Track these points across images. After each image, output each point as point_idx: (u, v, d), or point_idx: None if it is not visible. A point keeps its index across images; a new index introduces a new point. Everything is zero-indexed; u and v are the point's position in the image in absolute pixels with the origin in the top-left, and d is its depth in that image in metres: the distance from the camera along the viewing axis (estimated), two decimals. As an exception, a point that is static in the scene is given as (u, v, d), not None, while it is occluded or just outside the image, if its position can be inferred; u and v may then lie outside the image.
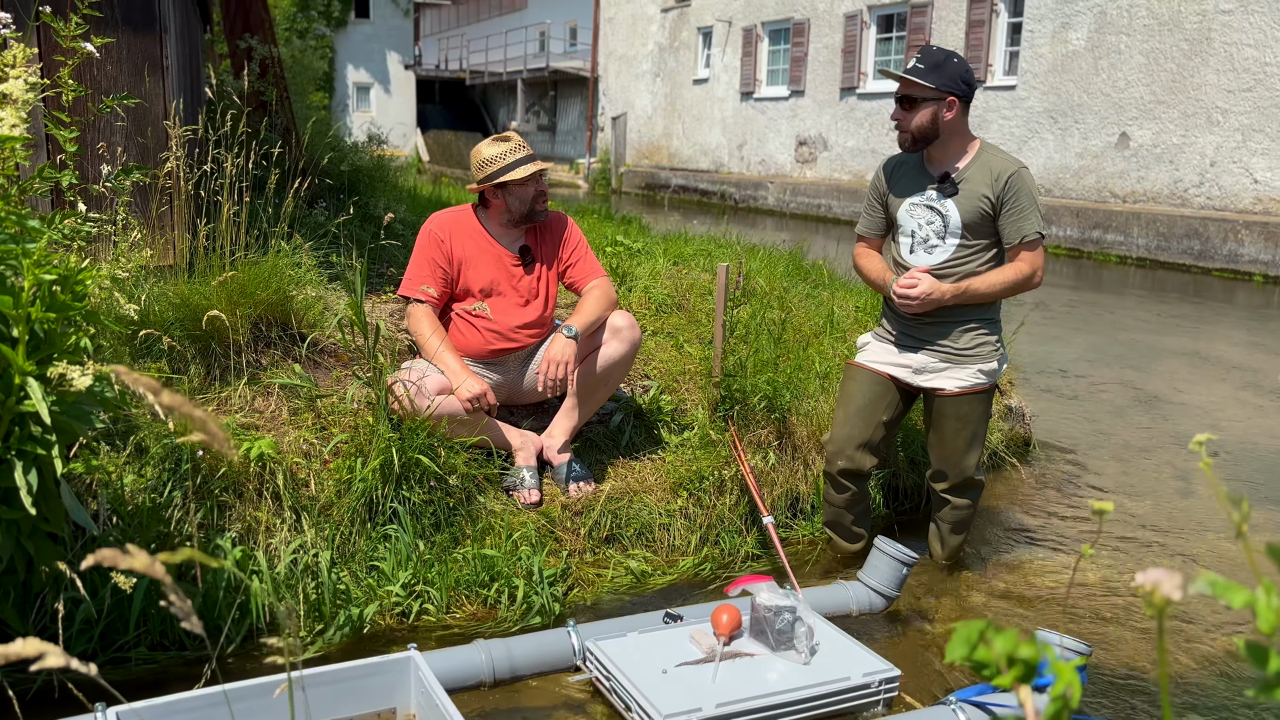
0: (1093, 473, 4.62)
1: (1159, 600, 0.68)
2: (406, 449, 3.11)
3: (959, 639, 0.76)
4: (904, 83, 3.17)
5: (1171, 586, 0.68)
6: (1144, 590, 0.69)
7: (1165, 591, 0.68)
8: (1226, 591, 0.64)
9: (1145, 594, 0.69)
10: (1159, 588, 0.68)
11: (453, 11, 42.72)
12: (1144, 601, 0.69)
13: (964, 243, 3.21)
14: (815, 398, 3.99)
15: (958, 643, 0.76)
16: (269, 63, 6.36)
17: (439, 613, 3.00)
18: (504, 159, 3.44)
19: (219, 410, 3.28)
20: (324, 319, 3.78)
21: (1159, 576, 0.69)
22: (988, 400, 3.34)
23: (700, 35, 22.64)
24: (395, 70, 33.14)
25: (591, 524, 3.41)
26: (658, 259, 5.78)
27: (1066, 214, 13.45)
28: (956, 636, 0.76)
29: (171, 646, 2.74)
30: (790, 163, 19.63)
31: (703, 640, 2.65)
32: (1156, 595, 0.68)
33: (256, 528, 2.99)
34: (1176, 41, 12.60)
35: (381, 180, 7.05)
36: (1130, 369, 6.66)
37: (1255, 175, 11.85)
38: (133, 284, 3.29)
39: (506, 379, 3.64)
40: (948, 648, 0.76)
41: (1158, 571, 0.69)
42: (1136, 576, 0.68)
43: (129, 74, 3.69)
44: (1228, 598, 0.64)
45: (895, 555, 3.06)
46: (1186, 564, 3.65)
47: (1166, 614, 0.69)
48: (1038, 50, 14.46)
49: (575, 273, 3.65)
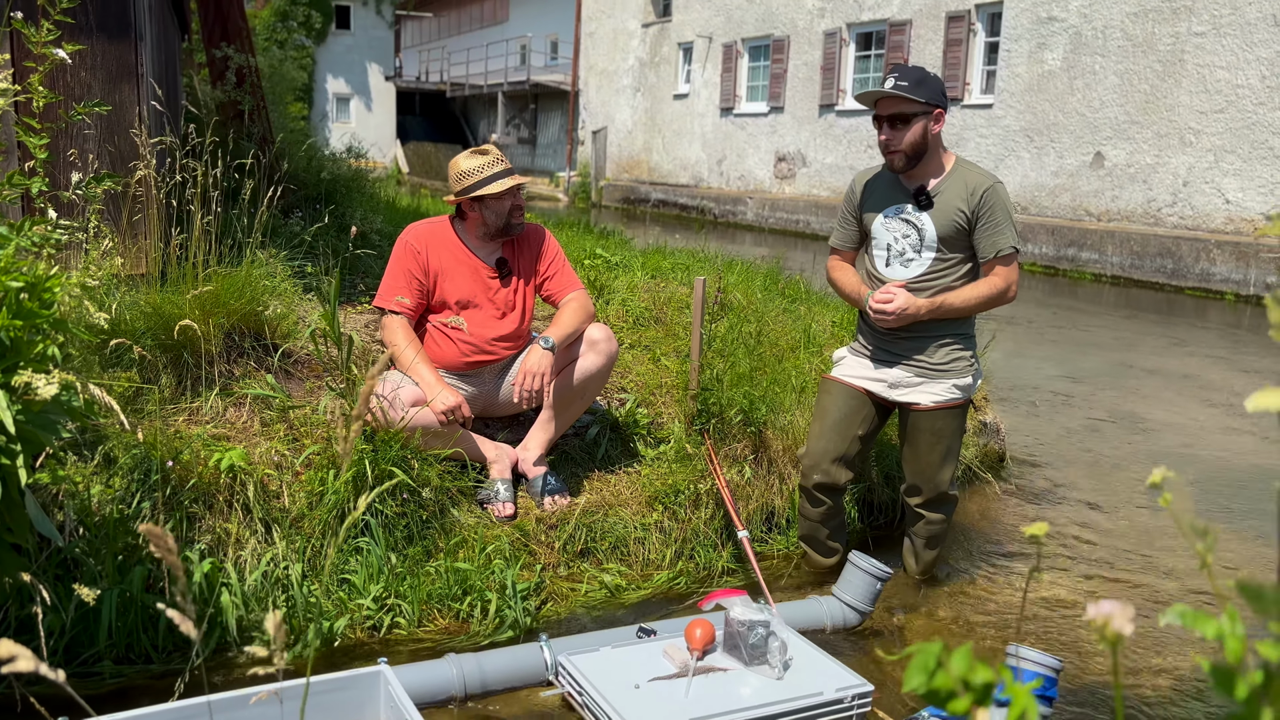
0: (1066, 488, 4.64)
1: (1110, 635, 0.67)
2: (379, 461, 3.09)
3: (915, 667, 0.72)
4: (895, 100, 3.14)
5: (1123, 620, 0.67)
6: (1096, 624, 0.67)
7: (1116, 626, 0.66)
8: (1196, 622, 0.64)
9: (1097, 628, 0.67)
10: (1110, 621, 0.67)
11: (434, 23, 42.73)
12: (1097, 635, 0.68)
13: (939, 256, 3.22)
14: (791, 411, 3.99)
15: (915, 671, 0.72)
16: (246, 72, 6.33)
17: (410, 626, 2.97)
18: (481, 172, 3.43)
19: (189, 421, 3.24)
20: (298, 329, 3.76)
21: (1111, 609, 0.67)
22: (962, 415, 3.35)
23: (681, 51, 22.73)
24: (376, 81, 33.11)
25: (566, 538, 3.39)
26: (636, 272, 5.78)
27: (1042, 232, 13.57)
28: (913, 664, 0.73)
29: (138, 659, 2.70)
30: (769, 178, 19.72)
31: (676, 655, 2.64)
32: (1108, 630, 0.67)
33: (226, 540, 2.95)
34: (1150, 63, 12.75)
35: (358, 191, 7.02)
36: (1104, 386, 6.71)
37: (1227, 195, 12.00)
38: (103, 292, 3.25)
39: (482, 391, 3.62)
40: (905, 676, 0.72)
41: (1109, 604, 0.67)
42: (1088, 609, 0.67)
43: (103, 81, 3.66)
44: (1199, 628, 0.63)
45: (869, 570, 3.06)
46: (1160, 579, 3.66)
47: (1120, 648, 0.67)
48: (1014, 70, 14.60)
49: (552, 285, 3.64)
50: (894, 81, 3.13)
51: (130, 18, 3.70)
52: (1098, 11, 13.37)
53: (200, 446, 3.07)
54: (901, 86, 3.11)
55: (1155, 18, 12.66)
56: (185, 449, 3.01)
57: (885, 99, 3.15)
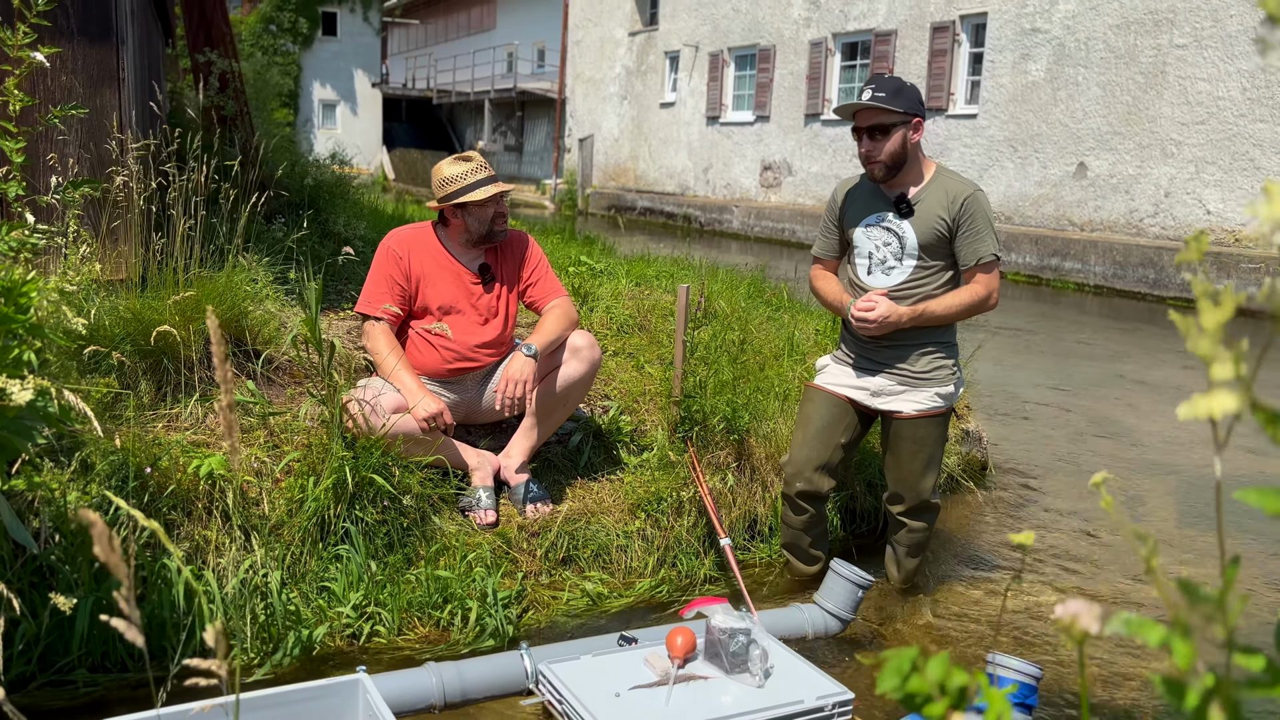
0: (1049, 497, 4.65)
1: (1078, 633, 0.67)
2: (360, 468, 3.07)
3: (890, 670, 0.73)
4: (874, 112, 3.15)
5: (1090, 619, 0.67)
6: (1063, 623, 0.68)
7: (1084, 625, 0.67)
8: (1142, 630, 0.64)
9: (1064, 627, 0.68)
10: (1077, 620, 0.67)
11: (420, 31, 42.72)
12: (1063, 635, 0.68)
13: (921, 264, 3.23)
14: (774, 419, 3.99)
15: (889, 674, 0.73)
16: (230, 77, 6.31)
17: (390, 634, 2.95)
18: (464, 179, 3.42)
19: (169, 427, 3.22)
20: (279, 335, 3.74)
21: (1077, 609, 0.68)
22: (944, 424, 3.35)
23: (667, 59, 22.78)
24: (362, 88, 33.06)
25: (548, 545, 3.38)
26: (620, 280, 5.78)
27: (1026, 241, 13.64)
28: (888, 667, 0.73)
29: (114, 668, 2.68)
30: (755, 187, 19.77)
31: (657, 663, 2.63)
32: (1075, 628, 0.67)
33: (205, 547, 2.93)
34: (1132, 75, 12.85)
35: (342, 197, 7.00)
36: (1086, 395, 6.74)
37: (1208, 206, 12.08)
38: (82, 297, 3.23)
39: (464, 398, 3.61)
40: (879, 678, 0.73)
41: (1076, 603, 0.68)
42: (1056, 609, 0.68)
43: (83, 85, 3.64)
44: (1144, 636, 0.63)
45: (851, 578, 3.06)
46: (1136, 588, 3.68)
47: (1086, 646, 0.68)
48: (998, 80, 14.69)
49: (536, 292, 3.64)
50: (871, 93, 3.14)
51: (112, 21, 3.68)
52: (1081, 23, 13.47)
53: (179, 453, 3.05)
54: (879, 98, 3.12)
55: (1137, 30, 12.76)
56: (164, 455, 2.99)
57: (864, 110, 3.16)
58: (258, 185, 4.00)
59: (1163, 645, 0.62)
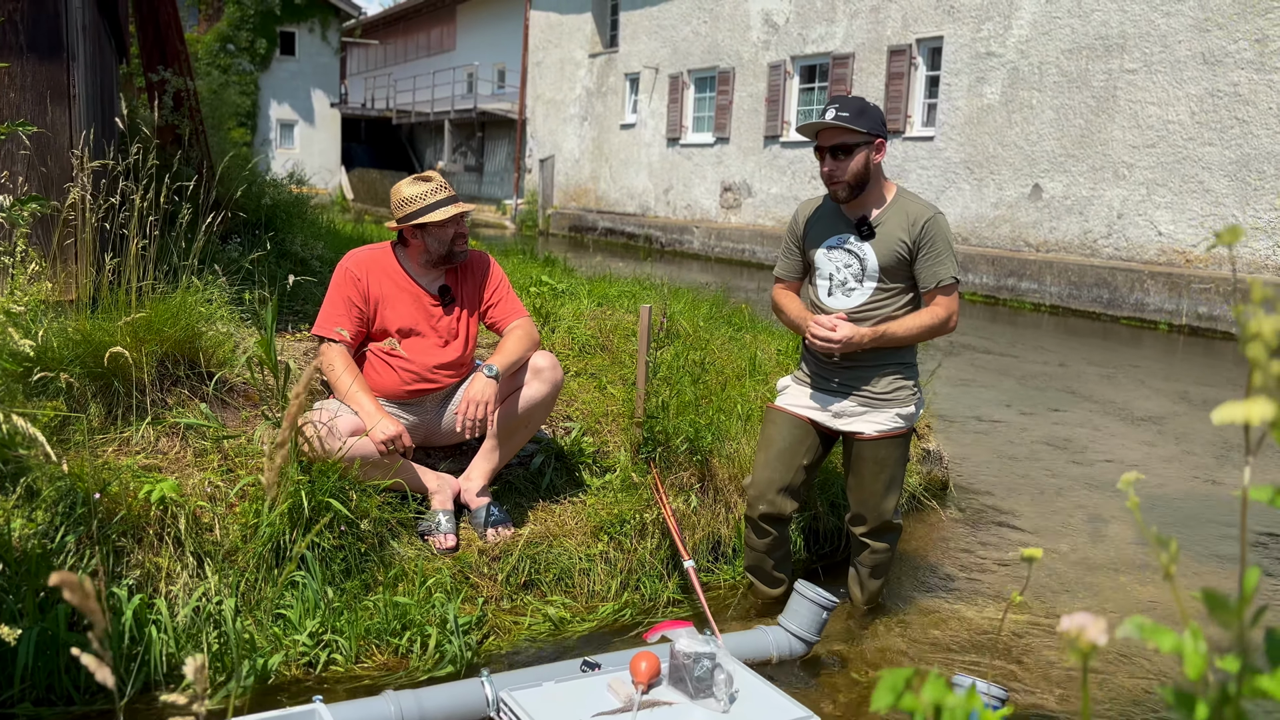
0: (1009, 515, 4.67)
1: (1084, 645, 0.66)
2: (316, 492, 3.01)
3: (885, 686, 0.73)
4: (837, 131, 3.14)
5: (1096, 631, 0.66)
6: (1069, 635, 0.67)
7: (1090, 636, 0.66)
8: (1154, 635, 0.62)
9: (1070, 639, 0.67)
10: (1084, 633, 0.66)
11: (380, 51, 42.59)
12: (1068, 647, 0.67)
13: (881, 286, 3.24)
14: (737, 439, 3.98)
15: (884, 690, 0.73)
16: (184, 95, 6.23)
17: (348, 662, 2.89)
18: (424, 199, 3.38)
19: (120, 451, 3.14)
20: (234, 357, 3.67)
21: (1083, 621, 0.67)
22: (905, 444, 3.36)
23: (627, 81, 22.88)
24: (321, 108, 32.84)
25: (509, 569, 3.33)
26: (582, 300, 5.76)
27: (983, 262, 13.80)
28: (883, 684, 0.74)
29: (59, 701, 2.59)
30: (715, 208, 19.86)
31: (620, 689, 2.59)
32: (1081, 640, 0.67)
33: (156, 574, 2.85)
34: (1085, 98, 13.08)
35: (299, 217, 6.92)
36: (1044, 414, 6.80)
37: (1159, 228, 12.30)
38: (30, 318, 3.15)
39: (423, 420, 3.56)
40: (874, 695, 0.73)
41: (1082, 616, 0.67)
42: (1061, 621, 0.66)
43: (32, 102, 3.57)
44: (1156, 641, 0.62)
45: (815, 599, 3.04)
46: (1102, 604, 3.69)
47: (1091, 659, 0.67)
48: (954, 103, 14.89)
49: (497, 312, 3.60)
50: (835, 112, 3.14)
51: (62, 38, 3.61)
52: (1034, 48, 13.70)
53: (130, 478, 2.97)
54: (843, 117, 3.12)
55: (1089, 55, 13.00)
56: (114, 480, 2.91)
57: (827, 130, 3.16)
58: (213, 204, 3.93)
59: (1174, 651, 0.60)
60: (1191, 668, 0.59)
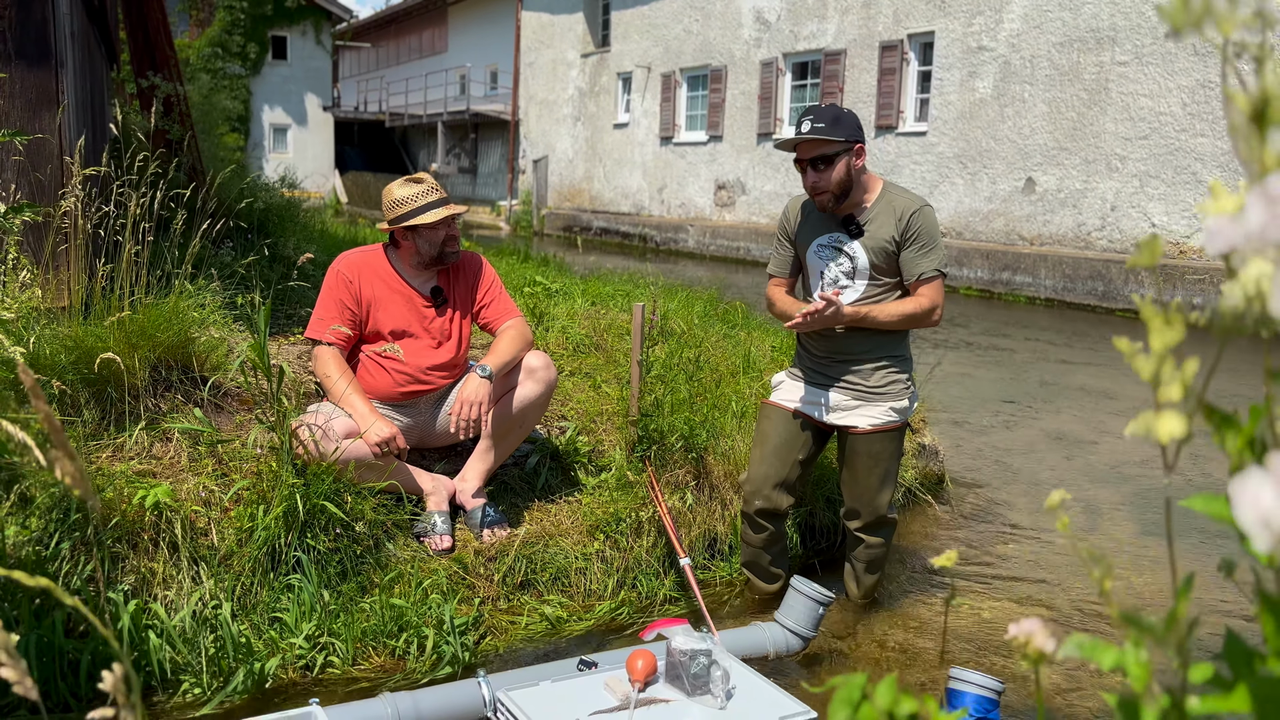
0: (1005, 509, 4.68)
1: (1033, 653, 0.67)
2: (311, 495, 3.01)
3: (840, 701, 0.72)
4: (815, 144, 3.15)
5: (1044, 639, 0.67)
6: (1018, 643, 0.67)
7: (1038, 644, 0.66)
8: (1094, 653, 0.63)
9: (1019, 646, 0.67)
10: (1032, 639, 0.67)
11: (372, 54, 42.54)
12: (1019, 654, 0.67)
13: (873, 283, 3.24)
14: (732, 437, 3.98)
15: (839, 705, 0.72)
16: (174, 101, 6.22)
17: (344, 665, 2.89)
18: (415, 201, 3.38)
19: (114, 457, 3.14)
20: (227, 361, 3.66)
21: (1031, 628, 0.67)
22: (899, 438, 3.36)
23: (620, 80, 22.87)
24: (313, 111, 32.80)
25: (506, 570, 3.34)
26: (576, 299, 5.76)
27: (977, 256, 13.81)
28: (837, 698, 0.72)
29: (56, 708, 2.59)
30: (709, 206, 19.87)
31: (617, 687, 2.59)
32: (1030, 648, 0.67)
33: (152, 580, 2.85)
34: (1076, 91, 13.09)
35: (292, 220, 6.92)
36: (1040, 407, 6.81)
37: (1153, 219, 12.32)
38: (21, 325, 3.14)
39: (418, 421, 3.56)
40: (829, 711, 0.71)
41: (1030, 622, 0.68)
42: (1010, 628, 0.67)
43: (21, 109, 3.56)
44: (1097, 659, 0.62)
45: (811, 595, 3.05)
46: (1098, 599, 3.70)
47: (1043, 665, 0.67)
48: (946, 98, 14.90)
49: (490, 313, 3.60)
50: (810, 124, 3.15)
51: (51, 45, 3.60)
52: (1025, 41, 13.71)
53: (124, 483, 2.96)
54: (819, 129, 3.14)
55: (1080, 47, 13.01)
56: (108, 486, 2.91)
57: (806, 143, 3.17)
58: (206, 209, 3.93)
59: (1116, 668, 0.60)
60: (1136, 680, 0.59)
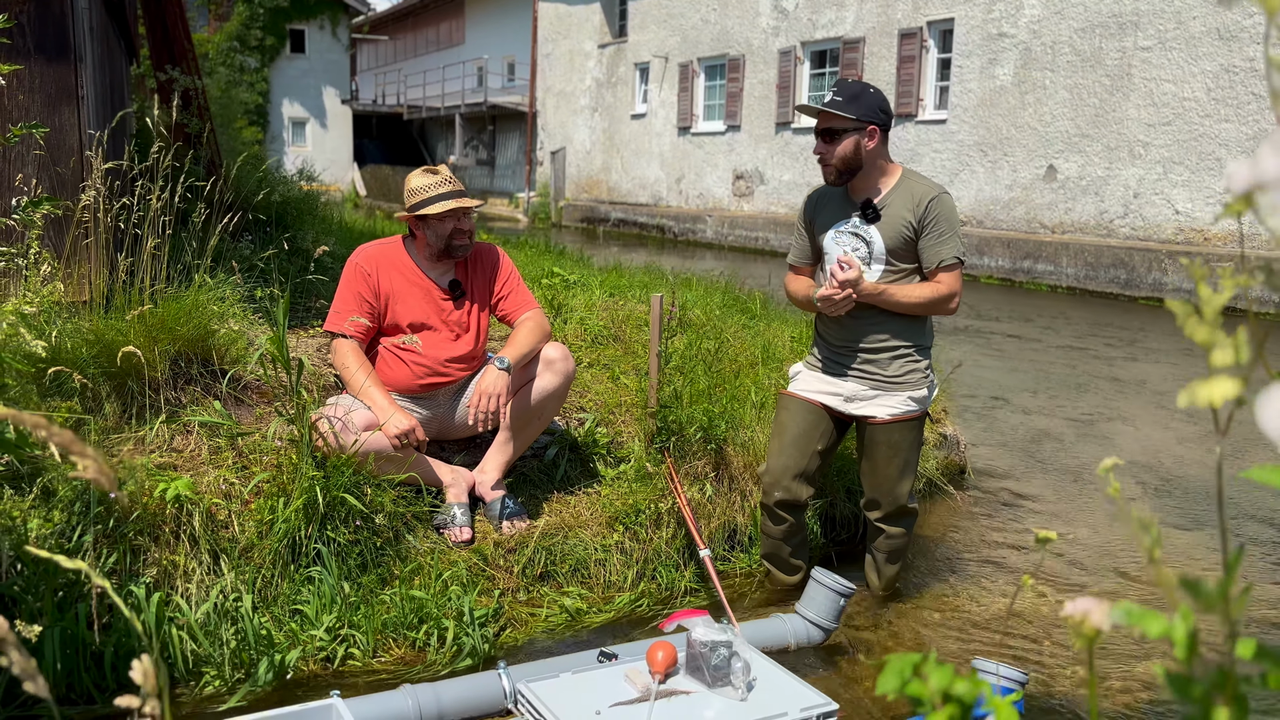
0: (1028, 499, 4.64)
1: (1088, 630, 0.66)
2: (331, 487, 3.01)
3: (891, 670, 0.74)
4: (824, 115, 3.17)
5: (1101, 616, 0.66)
6: (1073, 620, 0.67)
7: (1095, 621, 0.66)
8: (1142, 620, 0.62)
9: (1074, 624, 0.67)
10: (1088, 617, 0.66)
11: (389, 46, 42.62)
12: (1072, 632, 0.66)
13: (890, 268, 3.22)
14: (751, 427, 3.96)
15: (890, 674, 0.74)
16: (193, 94, 6.24)
17: (365, 657, 2.89)
18: (427, 191, 3.38)
19: (135, 450, 3.15)
20: (247, 354, 3.67)
21: (1088, 606, 0.67)
22: (919, 428, 3.34)
23: (637, 71, 22.82)
24: (332, 105, 32.92)
25: (525, 561, 3.33)
26: (594, 290, 5.74)
27: (998, 244, 13.71)
28: (889, 668, 0.74)
29: (80, 700, 2.60)
30: (727, 196, 19.80)
31: (638, 679, 2.59)
32: (1086, 625, 0.66)
33: (174, 572, 2.87)
34: (1099, 77, 12.96)
35: (311, 213, 6.94)
36: (1063, 396, 6.75)
37: (1176, 206, 12.19)
38: (43, 320, 3.16)
39: (436, 414, 3.56)
40: (879, 679, 0.73)
41: (1086, 600, 0.67)
42: (1065, 606, 0.66)
43: (41, 104, 3.58)
44: (1144, 626, 0.61)
45: (832, 586, 3.03)
46: (1123, 588, 3.67)
47: (1097, 643, 0.66)
48: (966, 85, 14.79)
49: (507, 305, 3.59)
50: (830, 95, 3.18)
51: (70, 39, 3.61)
52: (1046, 27, 13.58)
53: (145, 476, 2.98)
54: (835, 102, 3.15)
55: (1102, 33, 12.88)
56: (129, 479, 2.92)
57: (822, 112, 3.17)
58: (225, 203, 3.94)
59: (1163, 636, 0.59)
60: (1181, 650, 0.58)
